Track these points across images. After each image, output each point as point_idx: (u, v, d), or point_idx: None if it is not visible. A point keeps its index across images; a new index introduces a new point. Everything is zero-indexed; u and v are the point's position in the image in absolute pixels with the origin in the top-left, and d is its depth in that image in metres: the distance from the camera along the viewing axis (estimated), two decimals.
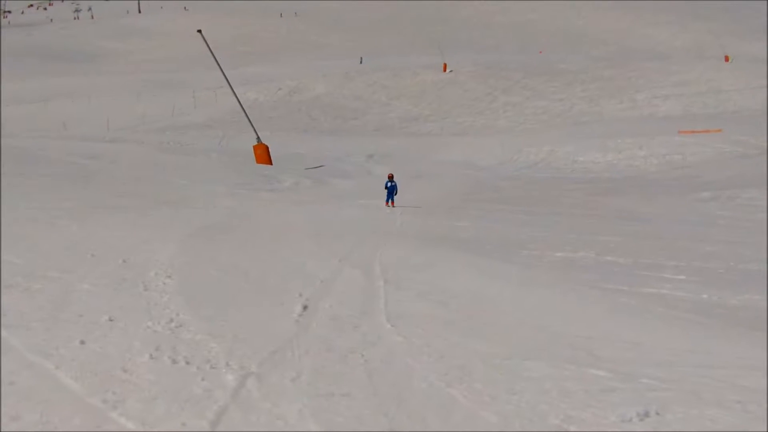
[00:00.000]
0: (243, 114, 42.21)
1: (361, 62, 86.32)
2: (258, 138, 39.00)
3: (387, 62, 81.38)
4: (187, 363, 5.17)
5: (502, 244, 13.38)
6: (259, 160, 37.48)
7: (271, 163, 37.22)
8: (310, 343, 5.79)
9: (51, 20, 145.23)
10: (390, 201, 21.15)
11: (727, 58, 72.97)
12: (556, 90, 68.57)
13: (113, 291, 7.17)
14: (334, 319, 6.63)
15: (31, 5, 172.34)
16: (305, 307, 6.98)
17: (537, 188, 32.04)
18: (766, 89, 60.33)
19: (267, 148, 38.15)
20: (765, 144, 42.39)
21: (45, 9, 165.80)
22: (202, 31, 40.58)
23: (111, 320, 6.12)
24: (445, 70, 76.01)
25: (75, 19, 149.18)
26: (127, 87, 75.91)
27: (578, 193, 29.18)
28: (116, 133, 54.96)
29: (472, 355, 5.69)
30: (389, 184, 21.34)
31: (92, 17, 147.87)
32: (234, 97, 42.44)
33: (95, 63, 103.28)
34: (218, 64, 39.19)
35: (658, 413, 4.59)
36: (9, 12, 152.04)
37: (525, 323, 6.87)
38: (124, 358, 5.22)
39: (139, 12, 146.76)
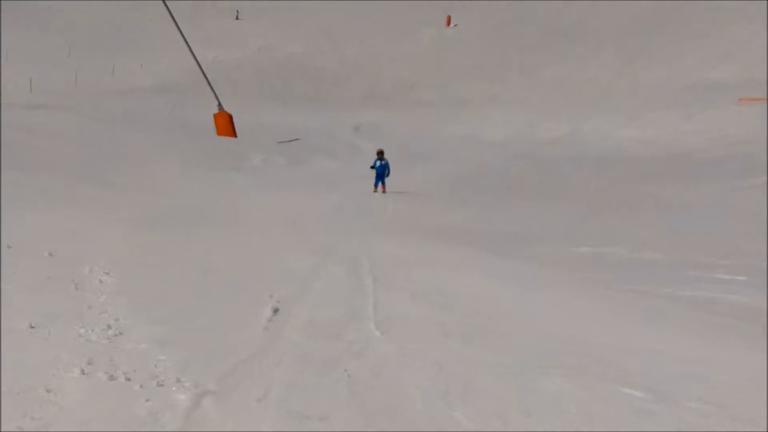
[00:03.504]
0: (201, 76, 42.05)
1: (237, 17, 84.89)
2: (219, 105, 38.80)
3: (377, 16, 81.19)
4: (128, 379, 5.13)
5: (513, 237, 13.38)
6: (220, 133, 37.22)
7: (236, 137, 37.06)
8: (282, 354, 5.77)
9: None
10: (380, 185, 21.04)
11: None
12: (583, 51, 68.68)
13: (36, 291, 7.11)
14: (311, 324, 6.62)
15: None
16: (276, 311, 6.96)
17: (556, 171, 32.06)
18: None
19: (230, 117, 37.93)
20: None
21: None
22: None
23: (32, 327, 6.06)
24: (449, 24, 75.95)
25: None
26: (55, 40, 75.42)
27: (607, 177, 29.23)
28: (41, 98, 54.63)
29: (478, 367, 5.68)
30: (378, 164, 21.17)
31: None
32: (190, 55, 42.28)
33: (12, 9, 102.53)
34: (170, 13, 38.95)
35: None
36: None
37: (541, 330, 6.87)
38: (48, 374, 5.16)
39: None
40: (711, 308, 8.39)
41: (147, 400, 4.82)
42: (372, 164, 21.66)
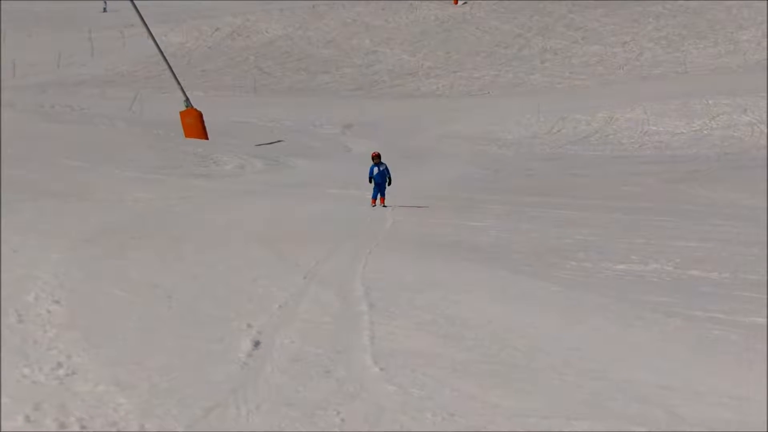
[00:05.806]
0: (164, 65, 42.09)
1: (104, 10, 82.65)
2: (187, 101, 38.90)
3: None
4: (83, 426, 5.14)
5: (536, 253, 13.37)
6: (188, 133, 37.38)
7: (207, 138, 37.14)
8: (263, 396, 5.78)
9: None
10: (379, 197, 20.29)
11: None
12: (617, 29, 68.65)
13: None
14: (297, 360, 6.62)
15: None
16: (256, 344, 6.97)
17: (588, 172, 32.08)
18: None
19: (200, 115, 38.06)
20: None
21: None
22: None
23: None
24: (456, 2, 75.98)
25: None
26: None
27: (650, 178, 29.25)
28: None
29: (495, 412, 5.69)
30: (376, 171, 20.39)
31: None
32: (150, 41, 42.33)
33: None
34: None
35: None
36: None
37: (571, 366, 6.87)
38: None
39: None
40: None
41: None
42: (369, 174, 20.48)
